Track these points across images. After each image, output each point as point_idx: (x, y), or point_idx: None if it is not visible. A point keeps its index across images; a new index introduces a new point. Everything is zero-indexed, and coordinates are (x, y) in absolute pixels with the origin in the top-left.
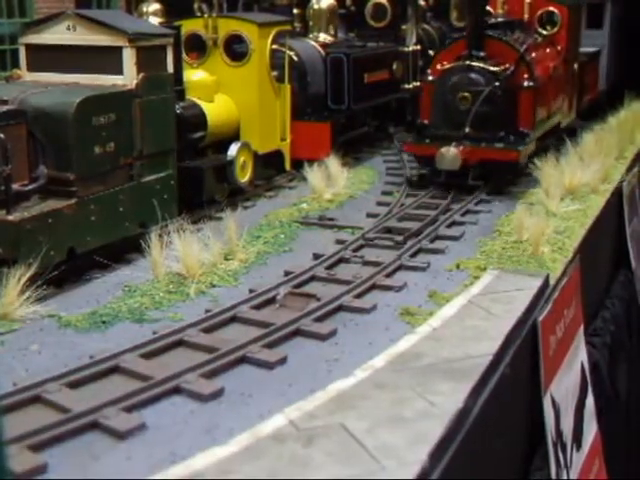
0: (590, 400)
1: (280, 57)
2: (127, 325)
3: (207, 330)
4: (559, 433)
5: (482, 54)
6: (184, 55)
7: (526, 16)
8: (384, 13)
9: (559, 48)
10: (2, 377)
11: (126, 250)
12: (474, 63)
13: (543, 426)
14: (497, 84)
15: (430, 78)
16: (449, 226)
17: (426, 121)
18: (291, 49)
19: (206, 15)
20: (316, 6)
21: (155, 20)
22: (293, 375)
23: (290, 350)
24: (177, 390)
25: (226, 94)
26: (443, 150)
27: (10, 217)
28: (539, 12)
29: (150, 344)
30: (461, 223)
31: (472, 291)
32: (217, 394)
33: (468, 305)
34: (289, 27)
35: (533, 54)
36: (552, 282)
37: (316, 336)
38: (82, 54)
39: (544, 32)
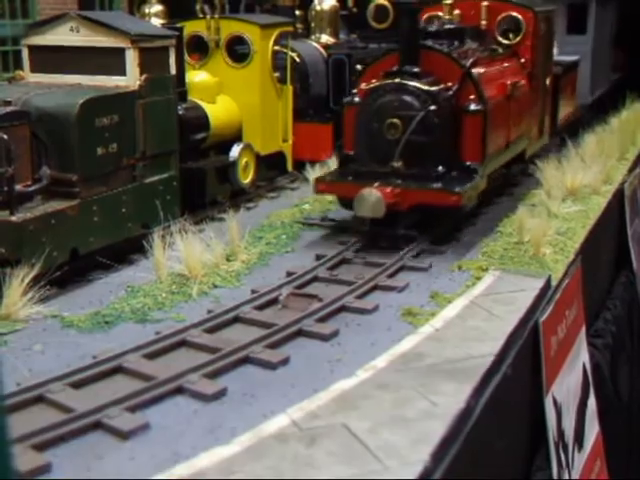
0: (592, 401)
1: (282, 58)
2: (130, 325)
3: (210, 330)
4: (561, 433)
5: (417, 70)
6: (186, 56)
7: (483, 22)
8: (386, 14)
9: (523, 61)
10: (6, 377)
11: (129, 251)
12: (406, 81)
13: (545, 426)
14: (433, 108)
15: (356, 99)
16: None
17: (350, 152)
18: (293, 50)
19: (208, 16)
20: (318, 7)
21: (157, 21)
22: (296, 375)
23: (293, 350)
24: (180, 390)
25: (228, 95)
26: (364, 192)
27: (13, 218)
28: (499, 18)
29: (153, 344)
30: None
31: (474, 292)
32: (220, 394)
33: (470, 306)
34: (291, 28)
35: (484, 69)
36: (554, 283)
37: (318, 336)
38: (85, 55)
39: (505, 41)
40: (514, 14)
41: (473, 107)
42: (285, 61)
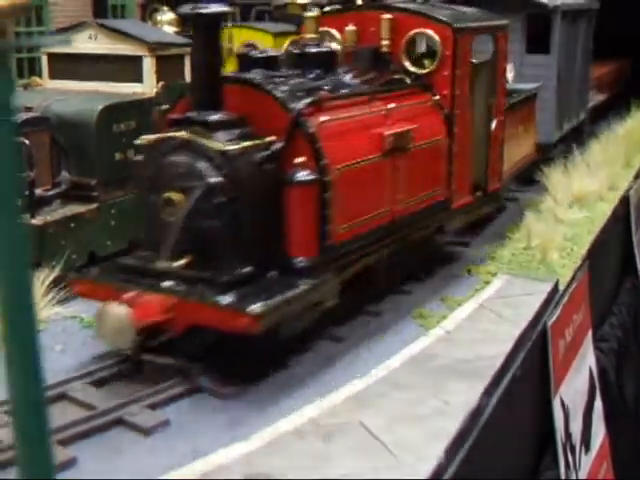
0: (598, 404)
1: None
2: None
3: None
4: (568, 435)
5: (215, 117)
6: None
7: (385, 43)
8: None
9: (438, 97)
10: None
11: None
12: (195, 136)
13: (553, 427)
14: (217, 180)
15: (139, 157)
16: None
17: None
18: None
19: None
20: None
21: (170, 29)
22: (312, 375)
23: (310, 350)
24: (199, 389)
25: None
26: (107, 307)
27: (34, 221)
28: (405, 37)
29: None
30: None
31: (483, 295)
32: (238, 393)
33: (479, 309)
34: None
35: (338, 115)
36: (561, 287)
37: (333, 338)
38: (103, 62)
39: (413, 70)
40: (427, 32)
41: (299, 177)
42: None
